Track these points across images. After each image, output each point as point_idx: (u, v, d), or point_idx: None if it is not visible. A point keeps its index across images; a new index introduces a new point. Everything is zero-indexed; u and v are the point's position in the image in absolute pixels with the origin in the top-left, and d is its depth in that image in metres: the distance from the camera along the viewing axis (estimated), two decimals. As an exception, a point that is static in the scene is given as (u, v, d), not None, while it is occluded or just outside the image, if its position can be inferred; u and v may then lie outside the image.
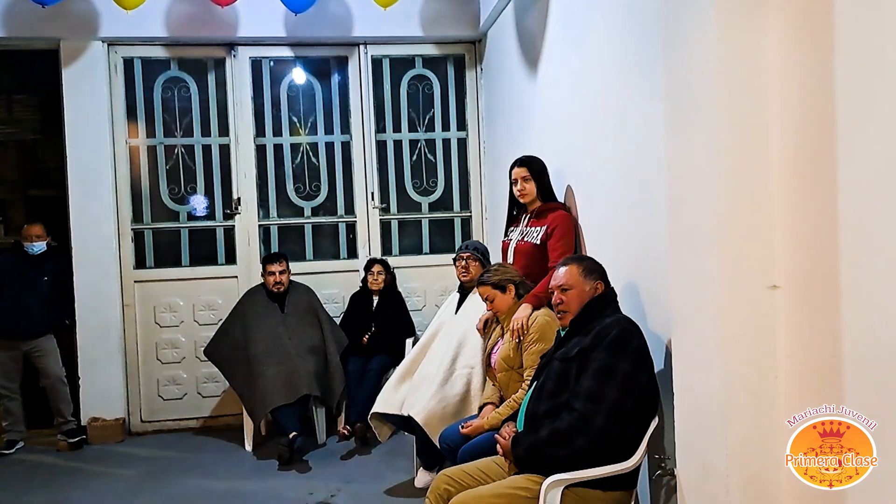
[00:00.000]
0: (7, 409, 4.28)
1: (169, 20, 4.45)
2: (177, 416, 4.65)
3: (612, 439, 2.09)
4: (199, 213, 4.76)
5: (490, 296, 2.91)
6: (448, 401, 3.15)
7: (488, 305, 2.96)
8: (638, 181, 2.47)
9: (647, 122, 2.35)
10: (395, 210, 4.93)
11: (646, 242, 2.41)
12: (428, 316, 4.62)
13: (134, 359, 4.61)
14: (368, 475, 3.65)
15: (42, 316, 4.26)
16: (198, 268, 4.70)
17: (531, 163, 3.10)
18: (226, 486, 3.61)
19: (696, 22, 1.73)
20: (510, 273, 2.93)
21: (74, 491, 3.63)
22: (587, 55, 2.94)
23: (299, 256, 4.79)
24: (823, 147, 1.51)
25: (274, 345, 4.13)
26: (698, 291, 1.77)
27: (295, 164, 4.84)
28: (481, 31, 4.67)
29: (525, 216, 3.15)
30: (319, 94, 4.85)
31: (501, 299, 2.90)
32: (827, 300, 1.51)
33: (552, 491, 2.05)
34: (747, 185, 1.67)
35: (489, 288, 2.90)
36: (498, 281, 2.89)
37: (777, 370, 1.67)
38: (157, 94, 4.66)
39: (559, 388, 2.18)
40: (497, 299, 2.90)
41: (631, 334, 2.16)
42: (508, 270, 2.94)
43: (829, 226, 1.50)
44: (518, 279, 2.93)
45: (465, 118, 4.95)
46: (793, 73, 1.61)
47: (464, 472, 2.34)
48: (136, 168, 4.65)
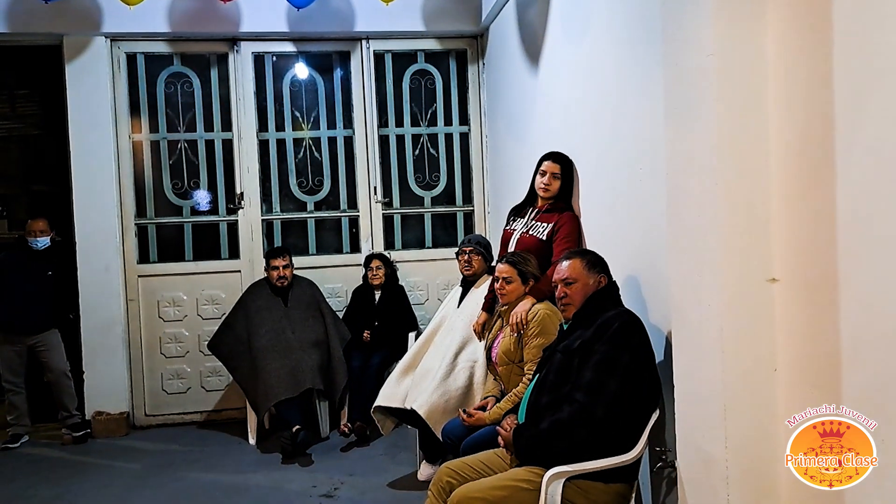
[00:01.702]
0: (12, 404, 4.31)
1: (172, 15, 4.46)
2: (180, 409, 4.67)
3: (612, 431, 2.10)
4: (202, 207, 4.77)
5: (510, 277, 2.85)
6: (451, 394, 3.16)
7: (499, 285, 2.89)
8: (638, 175, 2.48)
9: (647, 117, 2.35)
10: (397, 204, 4.93)
11: (646, 236, 2.42)
12: (430, 310, 4.64)
13: (138, 353, 4.63)
14: (371, 468, 3.67)
15: (46, 311, 4.29)
16: (201, 262, 4.72)
17: (565, 162, 3.07)
18: (229, 480, 3.63)
19: (696, 17, 1.74)
20: (535, 269, 2.89)
21: (79, 484, 3.65)
22: (588, 50, 2.94)
23: (302, 251, 4.80)
24: (822, 141, 1.52)
25: (277, 339, 4.14)
26: (698, 284, 1.78)
27: (298, 159, 4.85)
28: (483, 25, 4.67)
29: (533, 210, 3.16)
30: (322, 89, 4.86)
31: (518, 288, 2.86)
32: (825, 293, 1.52)
33: (553, 483, 2.06)
34: (746, 179, 1.68)
35: (515, 272, 2.85)
36: (526, 270, 2.86)
37: (776, 362, 1.68)
38: (160, 89, 4.67)
39: (561, 380, 2.19)
40: (515, 285, 2.86)
41: (633, 327, 2.17)
42: (534, 265, 2.89)
43: (827, 219, 1.51)
44: (538, 275, 2.88)
45: (468, 112, 4.95)
46: (791, 68, 1.62)
47: (466, 464, 2.35)
48: (140, 163, 4.67)
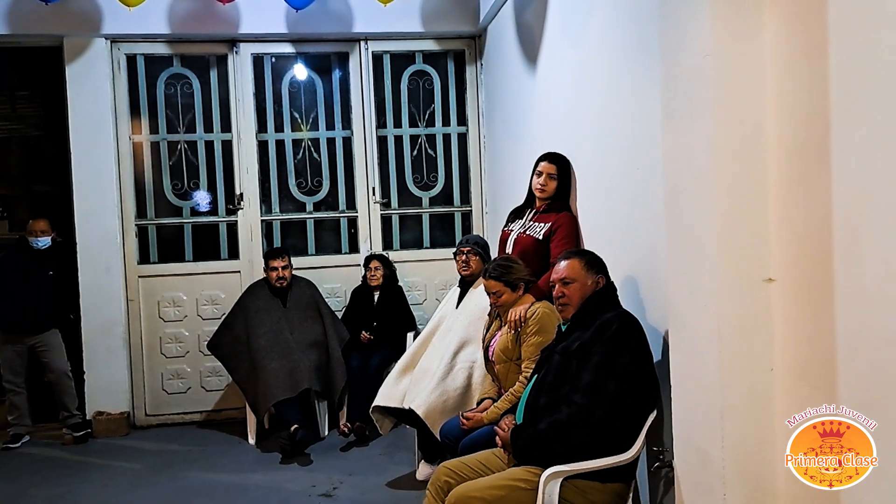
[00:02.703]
0: (13, 404, 4.32)
1: (171, 17, 4.47)
2: (181, 409, 4.69)
3: (610, 432, 2.11)
4: (201, 208, 4.78)
5: (499, 291, 2.84)
6: (449, 394, 3.17)
7: (493, 299, 2.89)
8: (636, 175, 2.48)
9: (645, 117, 2.36)
10: (395, 205, 4.94)
11: (644, 236, 2.43)
12: (429, 310, 4.65)
13: (138, 353, 4.64)
14: (370, 468, 3.68)
15: (47, 311, 4.29)
16: (201, 263, 4.73)
17: (561, 163, 3.06)
18: (229, 479, 3.64)
19: (693, 17, 1.75)
20: (522, 272, 2.86)
21: (80, 484, 3.66)
22: (586, 50, 2.95)
23: (301, 251, 4.81)
24: (819, 141, 1.52)
25: (276, 339, 4.15)
26: (695, 284, 1.79)
27: (297, 160, 4.86)
28: (481, 26, 4.68)
29: (530, 211, 3.17)
30: (320, 90, 4.87)
31: (510, 296, 2.84)
32: (822, 292, 1.53)
33: (551, 482, 2.07)
34: (743, 179, 1.68)
35: (501, 285, 2.83)
36: (511, 279, 2.83)
37: (773, 362, 1.69)
38: (159, 90, 4.68)
39: (559, 381, 2.20)
40: (505, 295, 2.84)
41: (631, 328, 2.18)
42: (521, 269, 2.86)
43: (824, 218, 1.51)
44: (529, 279, 2.86)
45: (466, 113, 4.96)
46: (788, 68, 1.63)
47: (464, 464, 2.36)
48: (140, 164, 4.68)
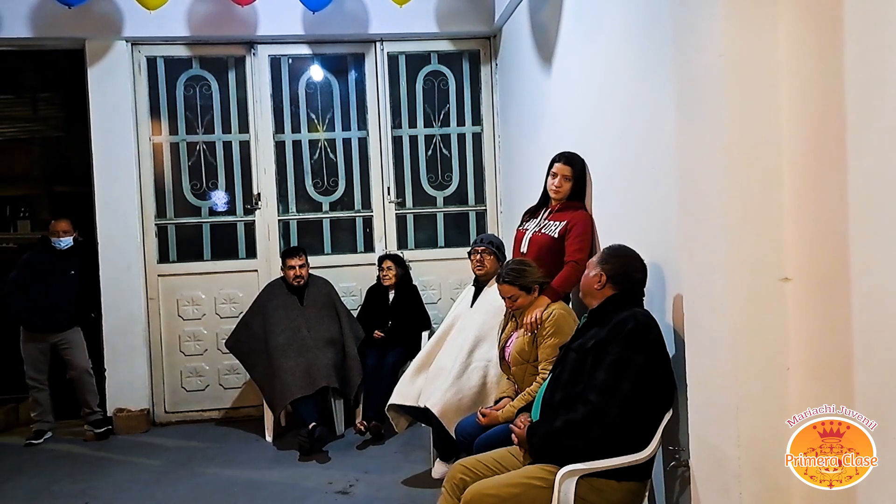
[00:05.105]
0: (36, 400, 4.40)
1: (190, 19, 4.53)
2: (199, 407, 4.74)
3: (626, 431, 2.11)
4: (220, 208, 4.84)
5: (514, 295, 2.84)
6: (464, 393, 3.18)
7: (508, 303, 2.88)
8: (650, 174, 2.48)
9: (659, 116, 2.36)
10: (410, 204, 4.97)
11: (659, 235, 2.43)
12: (443, 309, 4.67)
13: (158, 351, 4.70)
14: (386, 466, 3.71)
15: (69, 309, 4.36)
16: (219, 262, 4.79)
17: (576, 163, 3.06)
18: (247, 476, 3.69)
19: (707, 16, 1.75)
20: (536, 275, 2.85)
21: (101, 480, 3.72)
22: (600, 50, 2.95)
23: (318, 250, 4.85)
24: (834, 140, 1.52)
25: (293, 337, 4.18)
26: (710, 283, 1.79)
27: (313, 160, 4.90)
28: (496, 26, 4.69)
29: (545, 210, 3.17)
30: (337, 91, 4.90)
31: (525, 299, 2.84)
32: (838, 292, 1.52)
33: (567, 481, 2.08)
34: (758, 178, 1.68)
35: (516, 289, 2.83)
36: (525, 283, 2.82)
37: (788, 361, 1.68)
38: (179, 91, 4.74)
39: (575, 378, 2.21)
40: (521, 299, 2.84)
41: (647, 328, 2.17)
42: (534, 272, 2.85)
43: (839, 218, 1.51)
44: (543, 280, 2.86)
45: (480, 113, 4.97)
46: (803, 65, 1.62)
47: (479, 461, 2.37)
48: (160, 164, 4.74)
